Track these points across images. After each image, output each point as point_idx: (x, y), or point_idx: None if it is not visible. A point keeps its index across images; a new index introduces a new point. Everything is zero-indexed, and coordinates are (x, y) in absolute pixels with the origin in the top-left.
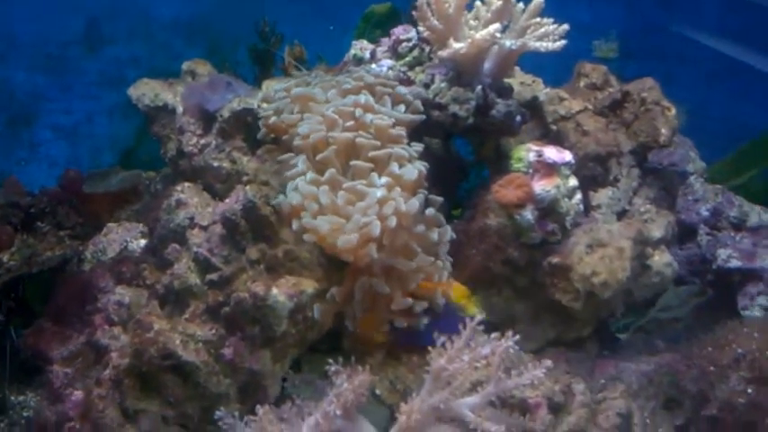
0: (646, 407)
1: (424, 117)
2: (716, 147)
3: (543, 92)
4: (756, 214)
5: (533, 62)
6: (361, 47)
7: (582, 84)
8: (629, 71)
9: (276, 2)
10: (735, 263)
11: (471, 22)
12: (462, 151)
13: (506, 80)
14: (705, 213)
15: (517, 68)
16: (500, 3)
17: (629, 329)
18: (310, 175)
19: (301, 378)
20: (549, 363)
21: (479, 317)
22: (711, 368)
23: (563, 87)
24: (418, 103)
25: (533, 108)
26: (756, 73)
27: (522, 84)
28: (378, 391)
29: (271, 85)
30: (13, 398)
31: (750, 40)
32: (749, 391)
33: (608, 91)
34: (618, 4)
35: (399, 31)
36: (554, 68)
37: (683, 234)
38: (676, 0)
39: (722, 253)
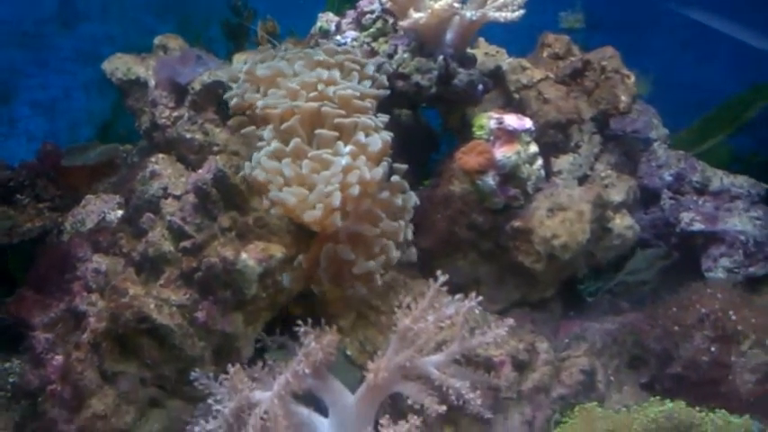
0: (609, 365)
1: (388, 92)
2: (683, 114)
3: (506, 62)
4: (719, 179)
5: (501, 34)
6: (326, 19)
7: (545, 54)
8: (594, 41)
9: None
10: (698, 226)
11: None
12: (434, 123)
13: (470, 51)
14: (668, 178)
15: (482, 39)
16: None
17: (598, 293)
18: (274, 144)
19: (274, 340)
20: (511, 321)
21: (443, 278)
22: (676, 328)
23: (527, 57)
24: (384, 79)
25: (496, 77)
26: (721, 40)
27: (487, 54)
28: (349, 353)
29: (241, 59)
30: None
31: (716, 5)
32: (712, 349)
33: (570, 60)
34: None
35: (364, 4)
36: (521, 40)
37: (647, 199)
38: None
39: (685, 216)
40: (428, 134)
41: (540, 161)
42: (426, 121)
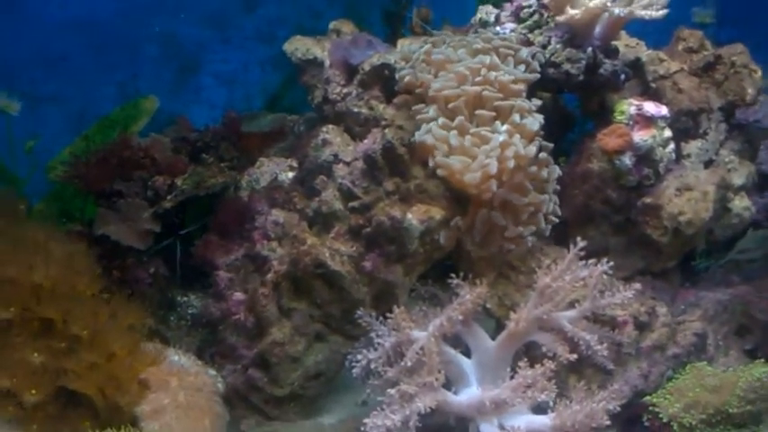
0: (719, 330)
1: (538, 76)
2: None
3: (645, 53)
4: None
5: (638, 27)
6: (486, 11)
7: (680, 47)
8: (723, 36)
9: None
10: None
11: None
12: (570, 106)
13: (613, 43)
14: None
15: (623, 32)
16: None
17: (710, 269)
18: (442, 119)
19: (426, 290)
20: (637, 286)
21: (582, 243)
22: None
23: (663, 50)
24: (536, 64)
25: (636, 67)
26: None
27: (627, 46)
28: (488, 306)
29: (405, 44)
30: (179, 298)
31: None
32: None
33: (703, 54)
34: None
35: None
36: (656, 33)
37: (764, 184)
38: None
39: None
40: (565, 116)
41: (672, 145)
42: (564, 105)
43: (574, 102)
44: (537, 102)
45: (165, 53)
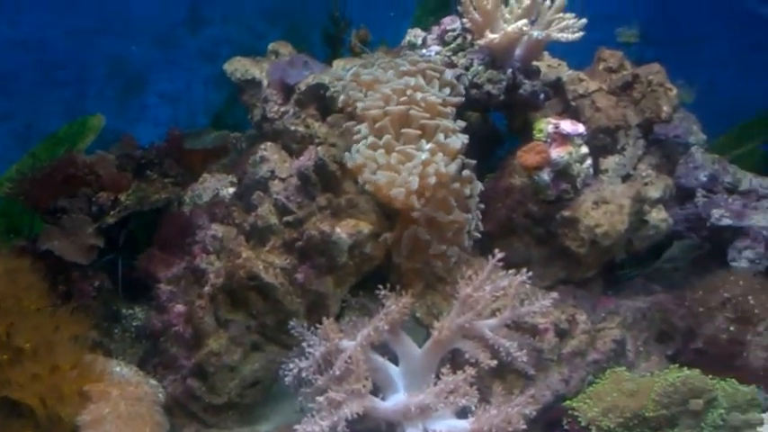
0: (639, 337)
1: (464, 99)
2: (723, 121)
3: (566, 73)
4: (748, 180)
5: (564, 47)
6: (414, 34)
7: (601, 67)
8: (648, 54)
9: None
10: (726, 221)
11: (507, 15)
12: (499, 124)
13: (535, 63)
14: (703, 179)
15: (546, 53)
16: (528, 1)
17: (636, 277)
18: (370, 139)
19: (357, 301)
20: (555, 295)
21: (499, 255)
22: (701, 309)
23: (585, 70)
24: (461, 87)
25: (557, 87)
26: (758, 58)
27: (549, 66)
28: (418, 315)
29: (340, 65)
30: (124, 310)
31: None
32: (731, 329)
33: (622, 73)
34: None
35: (447, 22)
36: (582, 53)
37: (684, 196)
38: None
39: (716, 212)
40: (494, 134)
41: (589, 161)
42: (493, 123)
43: (502, 120)
44: (461, 123)
45: (112, 72)
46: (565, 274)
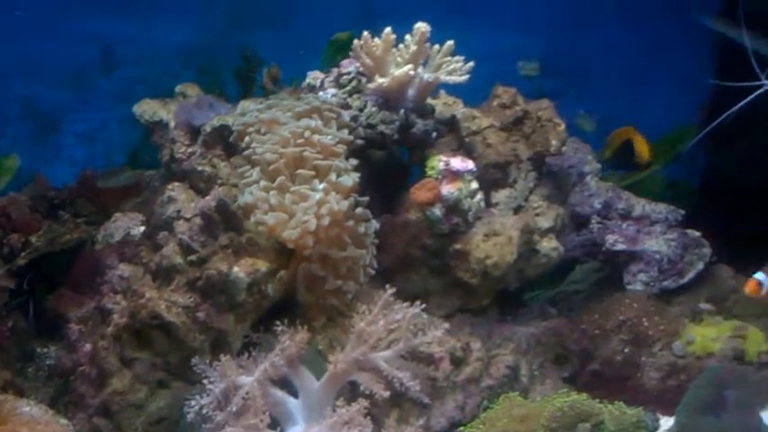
0: (534, 361)
1: (356, 140)
2: None
3: (460, 111)
4: (641, 206)
5: (469, 82)
6: (313, 76)
7: (495, 103)
8: (548, 87)
9: (258, 31)
10: (620, 246)
11: (398, 59)
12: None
13: (432, 101)
14: (598, 206)
15: (443, 92)
16: (415, 47)
17: (541, 300)
18: (263, 182)
19: (258, 336)
20: (446, 325)
21: (391, 290)
22: (597, 331)
23: (482, 106)
24: (359, 130)
25: (451, 124)
26: (655, 86)
27: (445, 104)
28: (320, 348)
29: (246, 105)
30: (38, 349)
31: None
32: (626, 350)
33: (514, 109)
34: (540, 31)
35: (345, 64)
36: (486, 88)
37: (580, 223)
38: (586, 27)
39: (610, 238)
40: (401, 167)
41: (479, 195)
42: (400, 156)
43: None
44: (354, 162)
45: (26, 113)
46: (461, 303)
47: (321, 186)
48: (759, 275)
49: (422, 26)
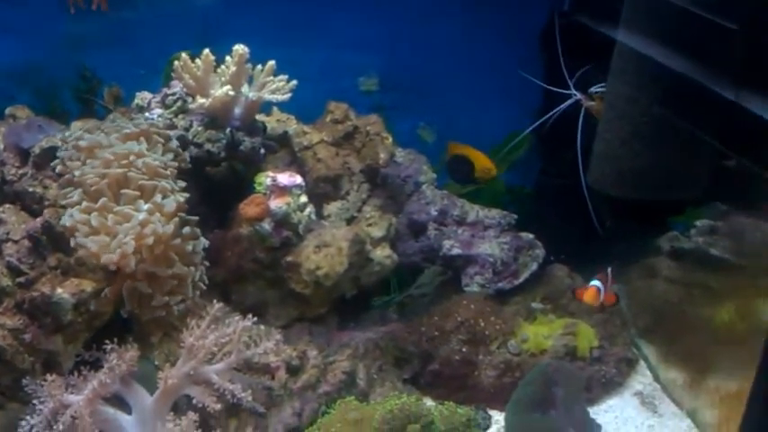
0: (373, 365)
1: (187, 163)
2: None
3: (292, 127)
4: (475, 212)
5: (310, 97)
6: (142, 97)
7: (328, 119)
8: (387, 100)
9: (98, 50)
10: (456, 250)
11: (222, 79)
12: None
13: (265, 118)
14: (434, 213)
15: (276, 109)
16: (234, 68)
17: (390, 304)
18: (84, 203)
19: (91, 355)
20: (278, 336)
21: (218, 305)
22: (436, 333)
23: (316, 122)
24: (186, 155)
25: (284, 140)
26: (490, 99)
27: (278, 121)
28: (157, 363)
29: (77, 126)
30: None
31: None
32: (464, 350)
33: (346, 124)
34: (379, 48)
35: (173, 85)
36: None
37: (418, 230)
38: (424, 44)
39: (446, 243)
40: (237, 183)
41: (309, 208)
42: (238, 172)
43: None
44: (182, 183)
45: None
46: (299, 312)
47: (146, 207)
48: (596, 282)
49: (239, 48)
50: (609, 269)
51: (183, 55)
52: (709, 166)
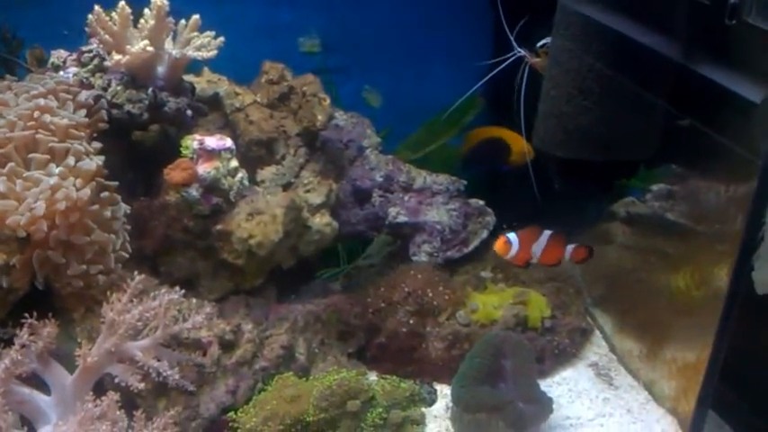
0: (314, 339)
1: (105, 121)
2: (411, 121)
3: (224, 89)
4: (422, 178)
5: (250, 59)
6: (57, 56)
7: (264, 80)
8: (331, 62)
9: (18, 10)
10: (402, 218)
11: (142, 34)
12: None
13: (195, 79)
14: (379, 179)
15: (206, 69)
16: (153, 22)
17: (338, 276)
18: None
19: (5, 332)
20: (208, 309)
21: (139, 277)
22: (383, 304)
23: (253, 82)
24: (103, 113)
25: (215, 102)
26: (435, 58)
27: (209, 82)
28: (79, 339)
29: None
30: None
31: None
32: (411, 321)
33: (282, 85)
34: (318, 6)
35: (91, 42)
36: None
37: (363, 198)
38: (366, 3)
39: (392, 211)
40: (168, 148)
41: (241, 174)
42: (170, 137)
43: None
44: (97, 145)
45: None
46: (233, 284)
47: (57, 170)
48: (510, 235)
49: (158, 1)
50: (544, 229)
51: (97, 8)
52: (661, 125)
